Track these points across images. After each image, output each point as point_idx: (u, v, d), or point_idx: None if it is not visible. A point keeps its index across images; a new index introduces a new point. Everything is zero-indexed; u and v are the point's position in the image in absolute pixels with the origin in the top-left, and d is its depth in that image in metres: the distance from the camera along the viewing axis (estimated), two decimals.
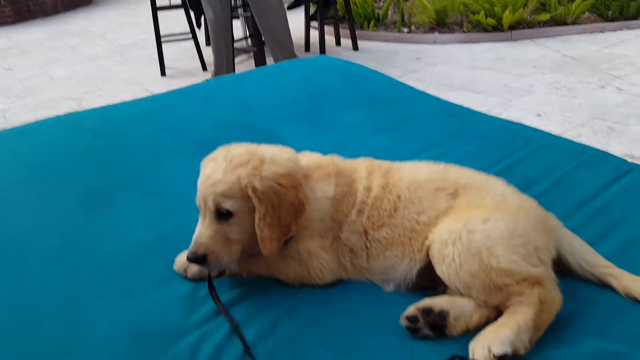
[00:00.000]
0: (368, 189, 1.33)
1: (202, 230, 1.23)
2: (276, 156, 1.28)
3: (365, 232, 1.30)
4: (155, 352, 1.11)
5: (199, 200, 1.25)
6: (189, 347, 1.11)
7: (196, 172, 1.90)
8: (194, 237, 1.23)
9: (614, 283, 1.23)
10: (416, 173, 1.36)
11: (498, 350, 1.02)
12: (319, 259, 1.29)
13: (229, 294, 1.28)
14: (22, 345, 1.15)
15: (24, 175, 1.83)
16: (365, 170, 1.37)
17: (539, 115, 3.66)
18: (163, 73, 5.36)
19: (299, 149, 1.49)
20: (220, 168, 1.24)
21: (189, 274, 1.32)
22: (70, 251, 1.44)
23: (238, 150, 1.29)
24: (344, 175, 1.35)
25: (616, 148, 2.99)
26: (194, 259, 1.21)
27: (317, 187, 1.32)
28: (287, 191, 1.23)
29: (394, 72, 2.83)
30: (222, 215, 1.23)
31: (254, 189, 1.21)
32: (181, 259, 1.34)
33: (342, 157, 1.45)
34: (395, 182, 1.33)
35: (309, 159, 1.39)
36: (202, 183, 1.25)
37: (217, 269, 1.29)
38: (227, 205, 1.21)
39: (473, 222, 1.19)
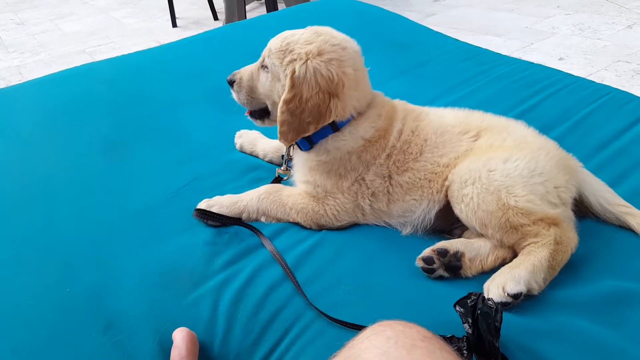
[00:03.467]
0: (400, 132, 1.32)
1: (250, 66, 1.41)
2: (335, 57, 1.25)
3: (390, 176, 1.30)
4: (182, 294, 1.15)
5: None
6: (214, 289, 1.15)
7: (212, 120, 1.88)
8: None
9: (632, 223, 1.23)
10: (442, 117, 1.35)
11: (512, 289, 1.04)
12: (335, 199, 1.30)
13: (250, 240, 1.30)
14: (55, 289, 1.19)
15: (43, 127, 1.83)
16: (402, 113, 1.35)
17: (560, 58, 3.54)
18: (174, 24, 5.27)
19: None
20: (295, 36, 1.30)
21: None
22: (94, 200, 1.47)
23: (320, 30, 1.32)
24: (387, 119, 1.33)
25: None
26: (228, 78, 1.42)
27: (364, 124, 1.30)
28: (319, 92, 1.22)
29: (411, 16, 2.72)
30: (264, 65, 1.35)
31: (292, 72, 1.23)
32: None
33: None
34: (423, 126, 1.32)
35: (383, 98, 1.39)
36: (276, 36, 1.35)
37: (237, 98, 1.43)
38: (268, 61, 1.33)
39: (493, 161, 1.18)
